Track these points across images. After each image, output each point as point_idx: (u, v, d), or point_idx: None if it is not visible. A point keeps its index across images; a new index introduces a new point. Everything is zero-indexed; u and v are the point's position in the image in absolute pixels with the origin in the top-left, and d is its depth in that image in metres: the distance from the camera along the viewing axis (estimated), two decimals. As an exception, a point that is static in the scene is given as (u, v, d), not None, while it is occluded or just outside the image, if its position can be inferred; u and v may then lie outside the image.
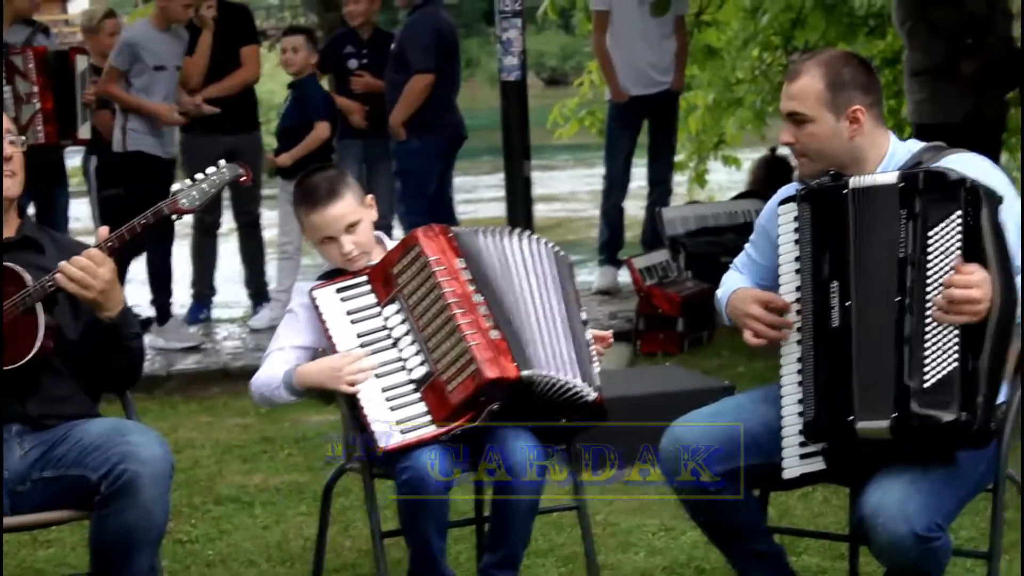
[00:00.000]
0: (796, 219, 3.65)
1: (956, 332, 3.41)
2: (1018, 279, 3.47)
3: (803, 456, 3.61)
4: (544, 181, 20.53)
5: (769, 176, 9.24)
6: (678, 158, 11.92)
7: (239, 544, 5.00)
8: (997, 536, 3.70)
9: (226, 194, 8.79)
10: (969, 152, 3.73)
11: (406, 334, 3.95)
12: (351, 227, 4.05)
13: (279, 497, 5.46)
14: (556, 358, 3.94)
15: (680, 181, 12.05)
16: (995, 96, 8.26)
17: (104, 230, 3.68)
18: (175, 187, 3.72)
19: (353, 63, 8.75)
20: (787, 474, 3.64)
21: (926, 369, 3.42)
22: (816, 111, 3.68)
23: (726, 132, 11.53)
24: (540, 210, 18.92)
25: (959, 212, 3.44)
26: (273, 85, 21.02)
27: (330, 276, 4.14)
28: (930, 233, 3.45)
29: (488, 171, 18.95)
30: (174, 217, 3.73)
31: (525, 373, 3.86)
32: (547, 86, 34.84)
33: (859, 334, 3.52)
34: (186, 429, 6.60)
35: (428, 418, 3.87)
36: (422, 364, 3.91)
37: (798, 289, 3.64)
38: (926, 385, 3.41)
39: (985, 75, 8.04)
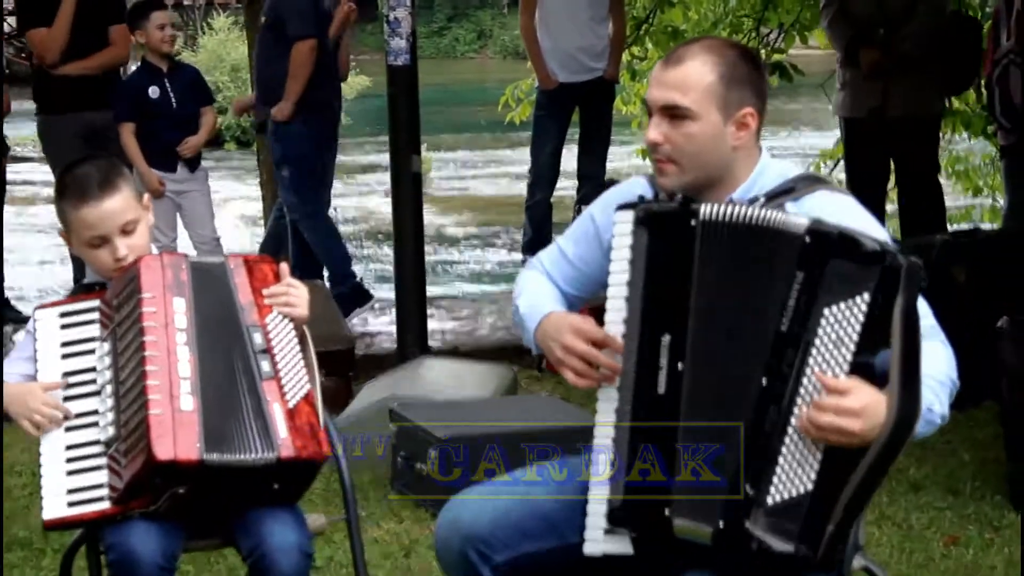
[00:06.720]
0: (633, 235, 2.89)
1: (823, 448, 2.66)
2: (927, 389, 2.69)
3: (608, 532, 2.86)
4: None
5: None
6: (641, 144, 11.29)
7: (8, 605, 4.34)
8: None
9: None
10: (840, 192, 3.00)
11: (108, 383, 3.24)
12: (128, 227, 3.36)
13: (79, 542, 4.75)
14: (244, 429, 3.18)
15: (643, 167, 11.38)
16: (908, 92, 7.34)
17: None
18: None
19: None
20: (587, 548, 2.88)
21: (775, 481, 2.67)
22: (703, 107, 2.92)
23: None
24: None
25: (868, 295, 2.65)
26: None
27: (78, 292, 3.47)
28: (825, 311, 2.66)
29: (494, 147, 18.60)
30: None
31: (209, 457, 3.10)
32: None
33: (690, 408, 2.77)
34: (16, 450, 5.84)
35: (104, 491, 3.15)
36: (112, 424, 3.20)
37: (626, 322, 2.89)
38: (770, 502, 2.67)
39: (891, 69, 7.29)
